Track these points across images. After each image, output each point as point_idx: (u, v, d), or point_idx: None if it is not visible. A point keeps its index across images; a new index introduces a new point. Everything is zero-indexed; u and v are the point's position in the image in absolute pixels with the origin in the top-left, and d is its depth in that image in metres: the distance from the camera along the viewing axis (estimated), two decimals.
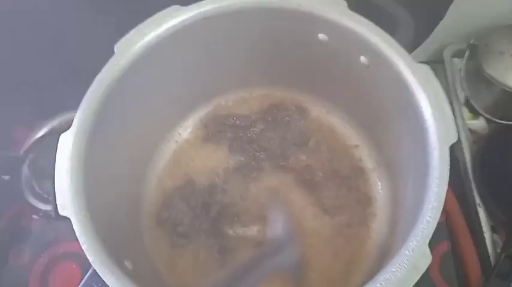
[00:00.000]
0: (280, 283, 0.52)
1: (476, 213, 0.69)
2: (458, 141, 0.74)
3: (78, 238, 0.40)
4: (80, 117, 0.45)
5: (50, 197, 0.67)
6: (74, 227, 0.41)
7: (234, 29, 0.53)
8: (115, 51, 0.48)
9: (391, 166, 0.57)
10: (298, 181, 0.60)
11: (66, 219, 0.65)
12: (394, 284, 0.36)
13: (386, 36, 0.47)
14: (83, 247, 0.40)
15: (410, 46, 0.51)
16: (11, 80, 0.77)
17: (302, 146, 0.62)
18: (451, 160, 0.42)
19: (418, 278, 0.36)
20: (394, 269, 0.37)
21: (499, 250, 0.66)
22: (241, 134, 0.63)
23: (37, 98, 0.77)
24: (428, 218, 0.38)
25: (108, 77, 0.47)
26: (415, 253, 0.37)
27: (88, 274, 0.42)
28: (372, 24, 0.48)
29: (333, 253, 0.56)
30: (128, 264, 0.43)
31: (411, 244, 0.38)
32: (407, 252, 0.37)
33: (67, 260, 0.64)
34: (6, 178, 0.70)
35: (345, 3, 0.49)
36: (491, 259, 0.65)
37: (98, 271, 0.39)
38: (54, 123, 0.73)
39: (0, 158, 0.68)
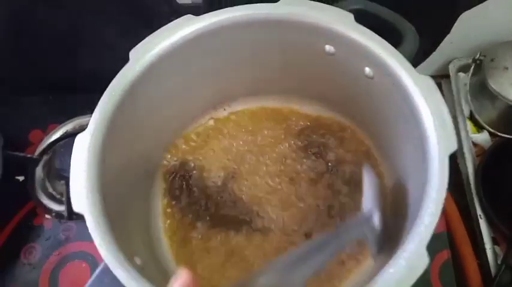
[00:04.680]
0: None
1: (478, 224, 0.70)
2: (462, 154, 0.76)
3: (91, 233, 0.42)
4: (96, 118, 0.46)
5: (63, 198, 0.69)
6: (88, 223, 0.42)
7: (245, 39, 0.55)
8: (130, 57, 0.50)
9: (392, 173, 0.58)
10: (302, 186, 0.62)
11: (77, 220, 0.67)
12: (391, 285, 0.37)
13: (391, 48, 0.48)
14: (96, 242, 0.41)
15: (416, 60, 0.52)
16: (28, 85, 0.80)
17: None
18: (454, 172, 0.43)
19: (415, 280, 0.37)
20: (392, 271, 0.38)
21: (499, 261, 0.66)
22: (251, 139, 0.65)
23: (52, 102, 0.80)
24: (426, 223, 0.39)
25: (122, 82, 0.49)
26: (412, 255, 0.38)
27: (99, 268, 0.44)
28: (377, 37, 0.49)
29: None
30: (137, 260, 0.45)
31: (409, 247, 0.39)
32: (405, 254, 0.38)
33: (77, 259, 0.66)
34: (21, 178, 0.72)
35: (352, 16, 0.50)
36: (492, 269, 0.66)
37: (109, 266, 0.40)
38: (68, 126, 0.75)
39: (15, 160, 0.70)
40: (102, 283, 0.45)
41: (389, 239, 0.47)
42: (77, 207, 0.43)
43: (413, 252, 0.39)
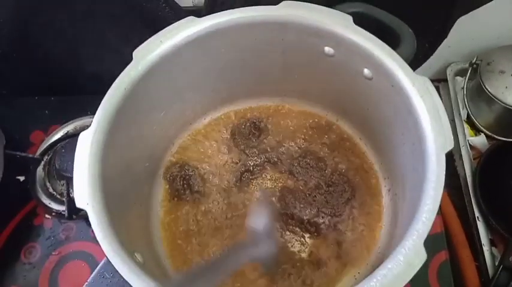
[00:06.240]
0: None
1: (476, 226, 0.71)
2: (459, 156, 0.76)
3: (94, 229, 0.42)
4: (99, 117, 0.47)
5: (63, 197, 0.69)
6: (90, 218, 0.42)
7: (245, 40, 0.56)
8: (133, 57, 0.51)
9: (391, 172, 0.59)
10: (303, 185, 0.62)
11: (77, 219, 0.68)
12: (389, 280, 0.38)
13: (389, 49, 0.49)
14: (98, 238, 0.42)
15: (414, 64, 0.53)
16: (30, 86, 0.81)
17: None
18: (451, 175, 0.44)
19: (412, 274, 0.38)
20: (390, 266, 0.39)
21: (497, 263, 0.67)
22: (250, 140, 0.66)
23: (54, 104, 0.80)
24: (423, 219, 0.40)
25: (126, 81, 0.49)
26: (410, 251, 0.39)
27: (101, 264, 0.44)
28: (375, 38, 0.50)
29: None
30: (138, 257, 0.45)
31: (407, 243, 0.39)
32: (403, 250, 0.39)
33: (77, 259, 0.66)
34: (22, 178, 0.73)
35: (351, 18, 0.51)
36: (489, 271, 0.67)
37: (111, 261, 0.41)
38: (69, 127, 0.76)
39: (16, 160, 0.70)
40: (104, 278, 0.45)
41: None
42: (79, 203, 0.43)
43: (411, 248, 0.39)
